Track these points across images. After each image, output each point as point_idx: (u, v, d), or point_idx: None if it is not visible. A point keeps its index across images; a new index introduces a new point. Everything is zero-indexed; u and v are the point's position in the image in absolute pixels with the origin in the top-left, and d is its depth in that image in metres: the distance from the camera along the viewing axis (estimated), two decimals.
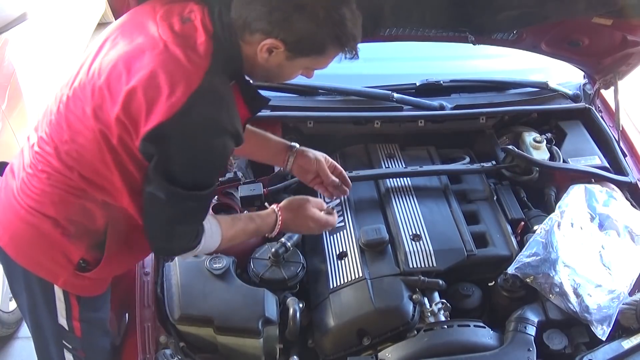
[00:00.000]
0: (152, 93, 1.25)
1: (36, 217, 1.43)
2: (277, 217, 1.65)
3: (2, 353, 2.64)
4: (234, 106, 1.35)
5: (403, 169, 2.09)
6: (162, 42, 1.29)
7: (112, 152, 1.33)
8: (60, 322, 1.55)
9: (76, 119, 1.36)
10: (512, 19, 1.86)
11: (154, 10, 1.38)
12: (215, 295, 1.63)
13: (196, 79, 1.25)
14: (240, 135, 1.36)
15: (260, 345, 1.62)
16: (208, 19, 1.33)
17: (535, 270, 1.68)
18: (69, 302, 1.53)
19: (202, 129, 1.27)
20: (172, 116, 1.23)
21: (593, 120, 2.33)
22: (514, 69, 2.62)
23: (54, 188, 1.40)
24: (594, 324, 1.60)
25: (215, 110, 1.28)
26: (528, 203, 2.07)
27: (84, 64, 1.40)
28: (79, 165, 1.38)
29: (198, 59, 1.28)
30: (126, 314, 1.71)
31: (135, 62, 1.29)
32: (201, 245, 1.46)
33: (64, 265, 1.46)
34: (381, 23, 1.94)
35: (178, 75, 1.25)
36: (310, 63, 1.40)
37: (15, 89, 2.87)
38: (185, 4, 1.38)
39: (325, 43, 1.32)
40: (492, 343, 1.57)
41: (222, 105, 1.30)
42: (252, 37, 1.32)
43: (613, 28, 1.96)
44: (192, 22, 1.33)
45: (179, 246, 1.46)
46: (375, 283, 1.69)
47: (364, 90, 2.32)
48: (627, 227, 1.87)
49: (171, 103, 1.23)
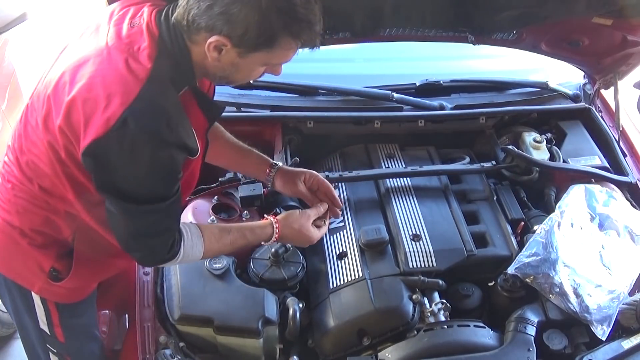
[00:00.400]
0: (90, 105, 1.18)
1: (6, 227, 1.42)
2: (275, 230, 1.57)
3: (2, 353, 2.64)
4: (180, 116, 1.25)
5: (403, 169, 2.09)
6: (106, 50, 1.23)
7: (60, 163, 1.29)
8: (42, 327, 1.55)
9: (32, 129, 1.33)
10: (512, 19, 1.86)
11: (111, 14, 1.32)
12: (215, 296, 1.63)
13: (134, 89, 1.18)
14: (188, 146, 1.26)
15: (260, 346, 1.62)
16: (154, 22, 1.26)
17: (535, 270, 1.68)
18: (47, 308, 1.52)
19: (141, 143, 1.19)
20: (108, 131, 1.16)
21: (593, 120, 2.33)
22: (514, 69, 2.62)
23: (18, 198, 1.39)
24: (594, 324, 1.60)
25: (154, 123, 1.19)
26: (528, 203, 2.07)
27: (44, 72, 1.36)
28: (37, 177, 1.35)
29: (138, 67, 1.20)
30: (126, 314, 1.71)
31: (79, 71, 1.23)
32: (180, 256, 1.39)
33: (37, 274, 1.45)
34: (381, 23, 1.94)
35: (115, 85, 1.18)
36: (267, 58, 1.27)
37: (15, 89, 2.87)
38: (141, 5, 1.31)
39: (274, 33, 1.20)
40: (492, 343, 1.56)
41: (162, 116, 1.20)
42: (197, 37, 1.23)
43: (613, 28, 1.96)
44: (139, 26, 1.25)
45: (153, 257, 1.40)
46: (375, 283, 1.69)
47: (364, 90, 2.32)
48: (627, 227, 1.87)
49: (107, 117, 1.16)
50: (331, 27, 1.95)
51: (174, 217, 1.36)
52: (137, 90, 1.18)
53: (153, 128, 1.19)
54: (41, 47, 3.37)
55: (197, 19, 1.20)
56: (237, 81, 1.38)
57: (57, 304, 1.51)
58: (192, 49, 1.26)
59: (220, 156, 1.71)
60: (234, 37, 1.20)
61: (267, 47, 1.23)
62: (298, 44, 1.26)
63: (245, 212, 1.90)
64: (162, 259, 1.38)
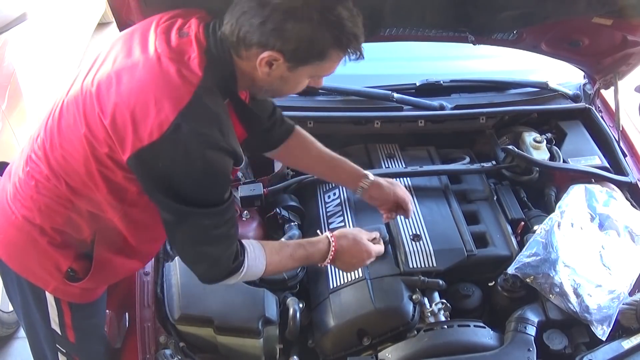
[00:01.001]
0: (140, 109, 1.21)
1: (25, 224, 1.41)
2: (331, 244, 1.56)
3: (2, 353, 2.64)
4: (228, 124, 1.29)
5: (403, 169, 2.09)
6: (155, 56, 1.26)
7: (97, 161, 1.30)
8: (53, 327, 1.55)
9: (67, 125, 1.34)
10: (512, 19, 1.86)
11: (157, 22, 1.36)
12: (215, 295, 1.63)
13: (186, 95, 1.21)
14: (237, 154, 1.30)
15: (260, 345, 1.62)
16: (202, 34, 1.30)
17: (535, 270, 1.68)
18: (60, 308, 1.51)
19: (194, 147, 1.22)
20: (161, 136, 1.19)
21: (593, 120, 2.33)
22: (514, 69, 2.62)
23: (42, 196, 1.39)
24: (594, 324, 1.60)
25: (206, 127, 1.23)
26: (528, 203, 2.07)
27: (82, 70, 1.38)
28: (66, 174, 1.35)
29: (189, 74, 1.24)
30: (126, 314, 1.71)
31: (127, 75, 1.26)
32: (245, 269, 1.40)
33: (53, 274, 1.45)
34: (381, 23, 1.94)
35: (167, 91, 1.22)
36: (315, 70, 1.32)
37: (15, 89, 2.87)
38: (188, 17, 1.34)
39: (325, 47, 1.25)
40: (492, 343, 1.56)
41: (214, 121, 1.25)
42: (248, 52, 1.27)
43: (613, 28, 1.96)
44: (188, 37, 1.29)
45: (218, 269, 1.39)
46: (375, 283, 1.69)
47: (364, 90, 2.32)
48: (627, 227, 1.87)
49: (160, 122, 1.19)
50: None
51: (231, 224, 1.36)
52: (189, 96, 1.21)
53: (206, 131, 1.23)
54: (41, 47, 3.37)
55: (248, 35, 1.24)
56: (282, 94, 1.42)
57: (70, 304, 1.51)
58: (238, 62, 1.30)
59: (312, 168, 1.85)
60: (286, 52, 1.24)
61: (317, 60, 1.28)
62: (345, 54, 1.30)
63: (246, 212, 1.91)
64: (228, 269, 1.39)
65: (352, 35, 1.27)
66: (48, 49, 3.47)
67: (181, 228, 1.32)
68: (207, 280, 1.43)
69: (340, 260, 1.58)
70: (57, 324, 1.54)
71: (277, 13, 1.21)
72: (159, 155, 1.22)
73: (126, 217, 1.39)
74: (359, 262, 1.62)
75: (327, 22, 1.22)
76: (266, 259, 1.46)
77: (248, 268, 1.41)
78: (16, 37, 2.94)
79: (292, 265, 1.56)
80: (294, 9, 1.20)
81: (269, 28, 1.21)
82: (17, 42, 2.98)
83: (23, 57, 3.03)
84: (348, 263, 1.61)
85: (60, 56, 3.70)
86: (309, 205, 2.04)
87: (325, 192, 2.05)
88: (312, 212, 2.00)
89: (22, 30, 2.88)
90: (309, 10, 1.21)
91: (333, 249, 1.56)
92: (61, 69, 3.68)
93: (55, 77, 3.53)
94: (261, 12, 1.21)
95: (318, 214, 1.98)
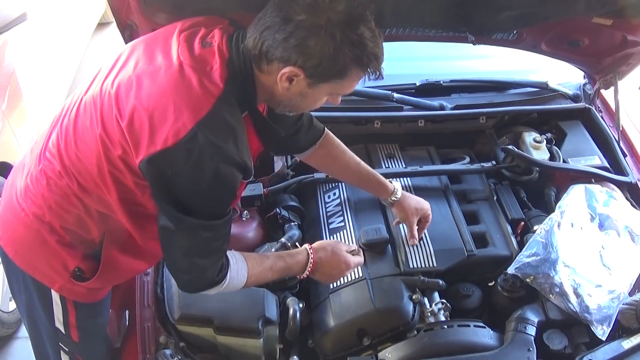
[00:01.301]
0: (159, 115, 1.22)
1: (34, 222, 1.42)
2: (309, 255, 1.58)
3: (2, 353, 2.64)
4: (243, 138, 1.29)
5: (403, 169, 2.09)
6: (178, 63, 1.27)
7: (109, 163, 1.30)
8: (57, 326, 1.55)
9: (84, 125, 1.34)
10: (512, 19, 1.86)
11: (180, 29, 1.36)
12: (215, 296, 1.61)
13: (206, 106, 1.22)
14: (248, 168, 1.30)
15: (260, 345, 1.62)
16: (225, 45, 1.30)
17: (535, 270, 1.68)
18: (65, 307, 1.51)
19: (208, 157, 1.22)
20: (177, 142, 1.19)
21: (593, 120, 2.33)
22: (514, 69, 2.62)
23: (53, 194, 1.39)
24: (594, 324, 1.60)
25: (222, 139, 1.23)
26: (528, 203, 2.07)
27: (103, 71, 1.39)
28: (78, 173, 1.36)
29: (211, 85, 1.24)
30: (126, 313, 1.71)
31: (148, 79, 1.26)
32: (227, 281, 1.41)
33: (60, 272, 1.45)
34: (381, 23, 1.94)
35: (187, 100, 1.22)
36: (334, 89, 1.33)
37: (15, 89, 2.87)
38: (212, 27, 1.35)
39: (346, 65, 1.26)
40: (492, 343, 1.57)
41: (230, 135, 1.25)
42: (270, 67, 1.28)
43: (613, 28, 1.96)
44: (211, 47, 1.30)
45: (202, 281, 1.39)
46: (375, 283, 1.69)
47: (364, 90, 2.32)
48: (627, 227, 1.87)
49: (177, 128, 1.20)
50: None
51: (226, 238, 1.38)
52: (209, 107, 1.22)
53: (221, 144, 1.23)
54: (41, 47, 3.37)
55: (271, 50, 1.24)
56: (300, 109, 1.45)
57: (75, 303, 1.51)
58: (259, 76, 1.31)
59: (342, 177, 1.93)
60: (308, 68, 1.24)
61: (338, 78, 1.28)
62: (364, 75, 1.31)
63: (246, 212, 1.91)
64: (211, 282, 1.39)
65: (373, 56, 1.27)
66: (48, 49, 3.47)
67: (178, 237, 1.31)
68: (187, 290, 1.44)
69: (319, 271, 1.60)
70: (61, 323, 1.54)
71: (301, 30, 1.21)
72: (170, 162, 1.22)
73: (135, 219, 1.39)
74: (338, 274, 1.64)
75: (350, 41, 1.23)
76: (248, 271, 1.46)
77: (230, 280, 1.41)
78: (16, 37, 2.94)
79: (272, 277, 1.56)
80: (317, 26, 1.21)
81: (291, 44, 1.22)
82: (17, 42, 2.97)
83: (23, 57, 3.03)
84: (327, 274, 1.63)
85: (60, 56, 3.69)
86: (309, 205, 2.04)
87: (325, 192, 2.05)
88: (312, 212, 2.00)
89: (22, 30, 2.88)
90: (332, 29, 1.21)
91: (312, 261, 1.58)
92: (61, 69, 3.68)
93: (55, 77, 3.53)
94: (285, 28, 1.22)
95: (318, 214, 1.98)
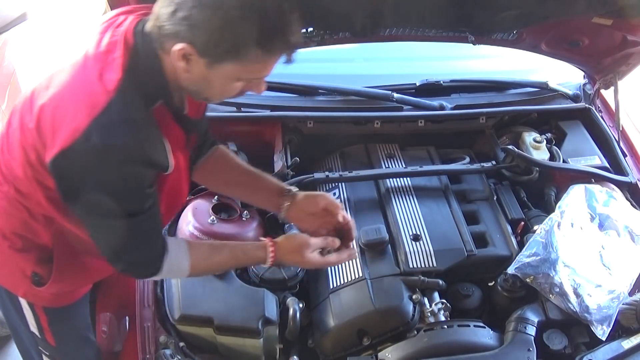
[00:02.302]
0: (59, 114, 1.16)
1: None
2: (268, 253, 1.46)
3: (2, 353, 2.63)
4: (149, 130, 1.19)
5: (403, 169, 2.09)
6: (83, 57, 1.19)
7: (30, 167, 1.27)
8: (32, 330, 1.54)
9: (13, 131, 1.32)
10: (512, 19, 1.86)
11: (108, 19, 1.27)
12: (215, 296, 1.63)
13: (102, 101, 1.13)
14: (156, 162, 1.22)
15: (260, 345, 1.62)
16: (131, 31, 1.19)
17: (535, 270, 1.68)
18: (35, 313, 1.50)
19: (104, 158, 1.14)
20: (73, 143, 1.13)
21: (593, 120, 2.33)
22: (514, 69, 2.62)
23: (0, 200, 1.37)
24: (594, 324, 1.60)
25: (118, 138, 1.13)
26: (528, 203, 2.07)
27: None
28: (13, 179, 1.33)
29: (108, 77, 1.15)
30: (126, 318, 1.71)
31: (57, 77, 1.21)
32: (163, 272, 1.36)
33: (21, 278, 1.43)
34: (381, 23, 1.94)
35: (85, 95, 1.15)
36: (238, 72, 1.17)
37: (15, 89, 2.87)
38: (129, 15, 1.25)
39: (239, 42, 1.11)
40: (492, 343, 1.57)
41: (130, 131, 1.15)
42: (166, 45, 1.15)
43: (613, 28, 1.96)
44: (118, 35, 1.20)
45: (135, 272, 1.40)
46: (375, 283, 1.69)
47: (364, 90, 2.32)
48: (627, 227, 1.87)
49: (73, 128, 1.13)
50: (331, 27, 1.95)
51: (151, 233, 1.31)
52: (105, 103, 1.13)
53: (117, 143, 1.14)
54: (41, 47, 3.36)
55: (164, 24, 1.13)
56: (213, 97, 1.28)
57: (45, 308, 1.49)
58: (164, 59, 1.19)
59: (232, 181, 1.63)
60: (198, 44, 1.11)
61: (234, 58, 1.14)
62: (271, 56, 1.16)
63: (245, 212, 1.90)
64: (143, 274, 1.39)
65: (274, 31, 1.12)
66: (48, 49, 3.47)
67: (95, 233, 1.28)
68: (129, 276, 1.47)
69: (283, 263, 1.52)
70: (35, 328, 1.53)
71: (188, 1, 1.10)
72: (69, 162, 1.15)
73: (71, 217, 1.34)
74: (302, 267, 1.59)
75: (242, 14, 1.09)
76: (190, 265, 1.40)
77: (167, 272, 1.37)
78: (16, 37, 2.94)
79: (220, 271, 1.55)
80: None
81: (179, 16, 1.10)
82: (17, 42, 2.98)
83: (23, 57, 3.03)
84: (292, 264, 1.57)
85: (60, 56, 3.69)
86: None
87: (325, 192, 2.05)
88: None
89: (22, 30, 2.88)
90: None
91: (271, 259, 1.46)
92: None
93: None
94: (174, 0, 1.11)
95: None
